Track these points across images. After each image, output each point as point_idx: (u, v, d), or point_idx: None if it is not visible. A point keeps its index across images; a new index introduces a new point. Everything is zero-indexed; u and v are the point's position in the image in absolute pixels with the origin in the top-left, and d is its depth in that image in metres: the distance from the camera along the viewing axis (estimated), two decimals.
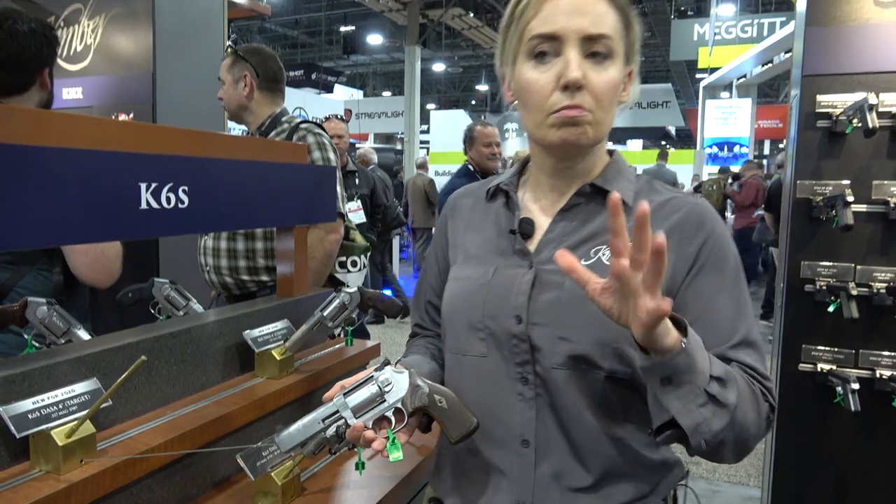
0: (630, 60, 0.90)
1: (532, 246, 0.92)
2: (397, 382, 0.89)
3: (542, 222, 0.93)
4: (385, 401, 0.88)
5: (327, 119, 4.27)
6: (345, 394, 0.88)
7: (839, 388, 2.12)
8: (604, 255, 0.87)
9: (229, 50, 2.19)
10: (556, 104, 0.83)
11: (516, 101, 0.92)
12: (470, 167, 3.73)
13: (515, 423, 0.88)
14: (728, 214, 9.60)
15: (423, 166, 8.99)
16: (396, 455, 0.85)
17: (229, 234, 2.11)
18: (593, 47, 0.83)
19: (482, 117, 16.34)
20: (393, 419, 0.89)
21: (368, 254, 2.52)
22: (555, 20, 0.83)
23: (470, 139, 3.75)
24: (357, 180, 4.24)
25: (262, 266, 2.11)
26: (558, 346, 0.85)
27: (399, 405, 0.88)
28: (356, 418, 0.87)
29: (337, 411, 0.88)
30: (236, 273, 2.11)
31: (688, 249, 0.86)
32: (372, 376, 0.90)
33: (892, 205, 2.08)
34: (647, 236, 0.64)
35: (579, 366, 0.85)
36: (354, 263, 2.86)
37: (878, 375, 2.14)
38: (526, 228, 0.92)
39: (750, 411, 0.78)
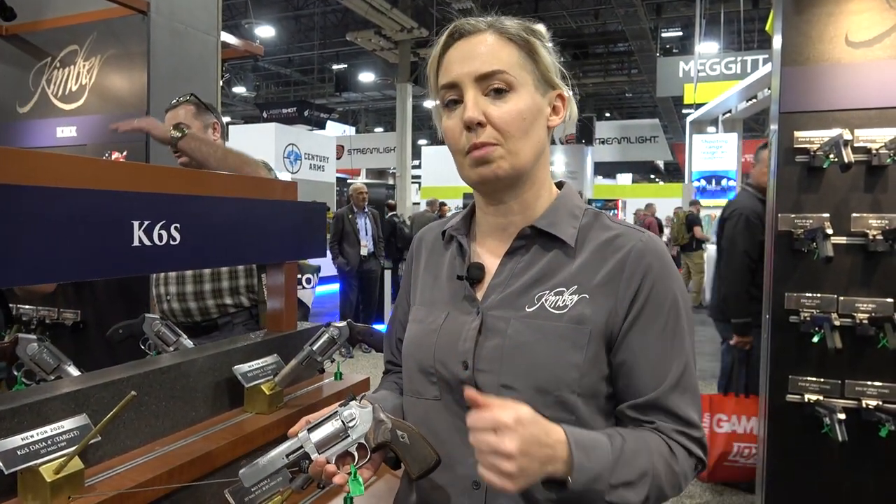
0: (553, 86, 0.92)
1: (481, 291, 0.94)
2: (361, 418, 0.90)
3: (491, 264, 0.95)
4: (349, 436, 0.89)
5: None
6: (309, 429, 0.89)
7: (826, 419, 2.14)
8: (546, 301, 0.89)
9: (187, 99, 2.21)
10: (466, 144, 0.88)
11: None
12: None
13: (467, 465, 0.88)
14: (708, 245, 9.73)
15: (432, 204, 9.51)
16: (358, 491, 0.85)
17: None
18: (492, 84, 0.87)
19: None
20: (356, 455, 0.89)
21: (318, 273, 2.65)
22: (451, 69, 0.89)
23: None
24: None
25: (226, 288, 2.17)
26: (502, 393, 0.87)
27: (362, 441, 0.89)
28: (319, 453, 0.87)
29: (301, 447, 0.88)
30: (202, 298, 2.16)
31: (627, 291, 0.88)
32: (336, 411, 0.90)
33: (870, 237, 2.13)
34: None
35: None
36: (309, 281, 2.97)
37: (864, 405, 2.17)
38: (475, 273, 0.94)
39: (665, 485, 0.84)
